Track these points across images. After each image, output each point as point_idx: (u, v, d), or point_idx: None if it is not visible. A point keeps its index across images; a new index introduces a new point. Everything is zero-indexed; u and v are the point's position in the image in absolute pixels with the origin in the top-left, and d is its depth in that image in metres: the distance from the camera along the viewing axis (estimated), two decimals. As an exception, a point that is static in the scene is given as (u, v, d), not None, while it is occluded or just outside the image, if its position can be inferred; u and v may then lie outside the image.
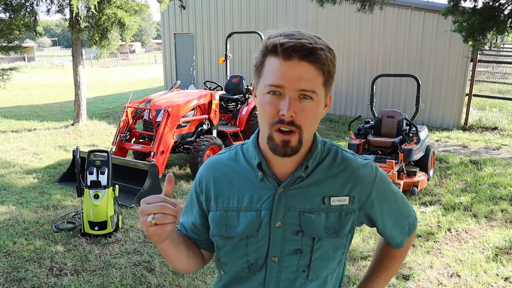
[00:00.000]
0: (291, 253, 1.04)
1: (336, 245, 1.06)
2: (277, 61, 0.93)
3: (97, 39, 8.36)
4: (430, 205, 4.87)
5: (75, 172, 4.09)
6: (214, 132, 6.40)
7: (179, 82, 7.25)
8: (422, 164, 5.45)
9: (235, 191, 1.08)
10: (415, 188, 5.07)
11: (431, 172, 5.68)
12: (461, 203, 4.85)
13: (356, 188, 1.05)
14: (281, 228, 1.03)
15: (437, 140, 8.02)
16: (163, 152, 5.42)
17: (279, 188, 1.03)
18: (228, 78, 7.79)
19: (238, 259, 1.07)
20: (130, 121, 6.00)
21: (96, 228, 3.98)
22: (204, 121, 6.30)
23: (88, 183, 3.96)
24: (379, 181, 1.08)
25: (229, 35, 8.09)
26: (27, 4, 8.29)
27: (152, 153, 5.37)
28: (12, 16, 8.12)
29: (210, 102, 6.28)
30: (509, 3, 5.65)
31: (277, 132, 0.95)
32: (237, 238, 1.06)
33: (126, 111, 5.95)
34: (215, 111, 6.35)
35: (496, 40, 12.41)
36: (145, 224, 0.91)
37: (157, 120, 5.68)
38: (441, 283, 3.29)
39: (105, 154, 4.11)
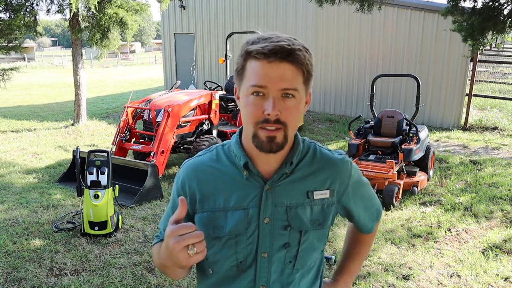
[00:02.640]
0: (279, 247, 1.08)
1: (320, 236, 1.13)
2: (258, 63, 0.96)
3: (98, 39, 8.36)
4: (430, 205, 4.87)
5: (75, 172, 4.09)
6: (214, 132, 6.40)
7: (179, 82, 7.25)
8: (422, 164, 5.45)
9: (220, 191, 1.09)
10: (415, 188, 5.07)
11: (431, 172, 5.68)
12: (461, 203, 4.85)
13: (335, 182, 1.12)
14: (269, 224, 1.07)
15: (437, 140, 8.02)
16: (163, 152, 5.42)
17: (266, 186, 1.06)
18: (228, 78, 7.79)
19: (227, 258, 1.09)
20: (130, 121, 6.00)
21: (96, 228, 3.98)
22: (204, 121, 6.30)
23: (88, 183, 3.96)
24: (354, 175, 1.17)
25: (229, 35, 8.09)
26: (27, 4, 8.29)
27: (152, 153, 5.37)
28: (12, 16, 8.11)
29: (210, 102, 6.28)
30: (508, 3, 5.66)
31: (262, 129, 0.98)
32: (226, 238, 1.08)
33: (126, 111, 5.95)
34: (215, 111, 6.35)
35: (497, 40, 12.41)
36: (185, 257, 0.90)
37: (157, 120, 5.68)
38: (441, 283, 3.29)
39: (105, 154, 4.11)
